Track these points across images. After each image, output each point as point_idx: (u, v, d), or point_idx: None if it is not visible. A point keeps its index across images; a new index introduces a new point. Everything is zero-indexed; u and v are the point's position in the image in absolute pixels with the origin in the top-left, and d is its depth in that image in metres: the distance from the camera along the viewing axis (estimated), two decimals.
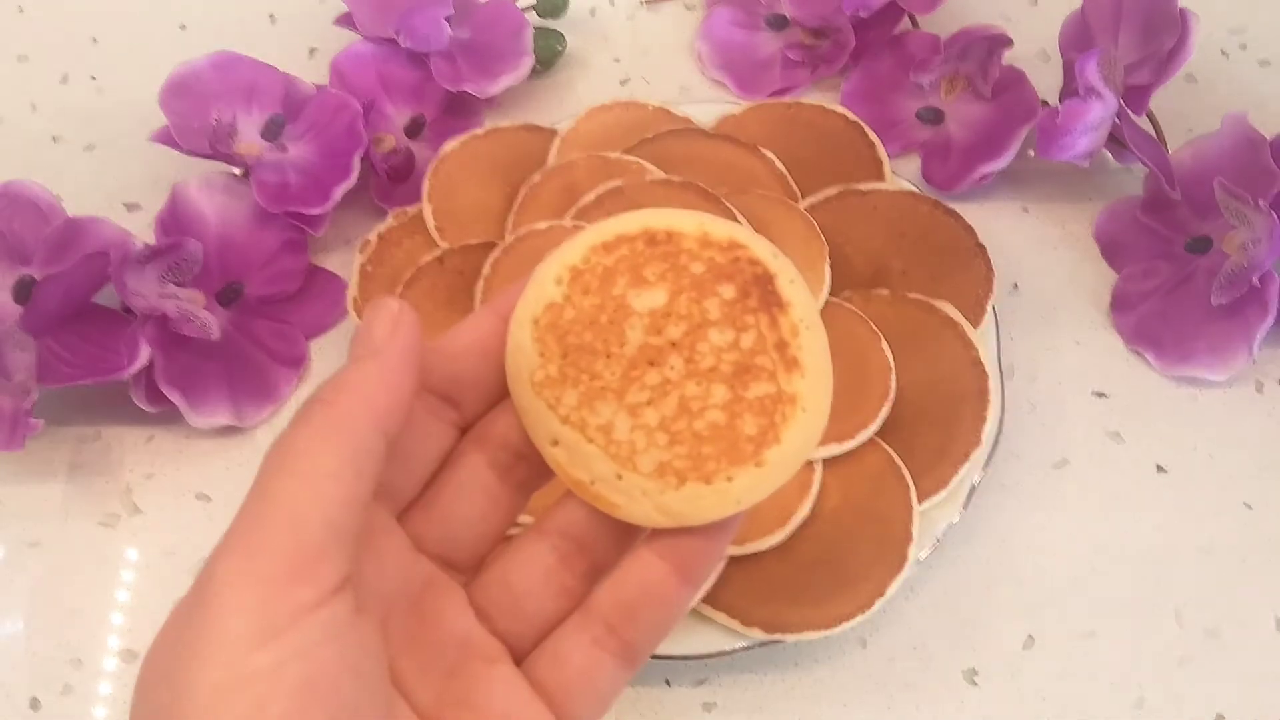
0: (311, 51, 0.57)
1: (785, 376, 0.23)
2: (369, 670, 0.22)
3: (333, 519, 0.21)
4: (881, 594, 0.39)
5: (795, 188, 0.48)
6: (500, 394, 0.25)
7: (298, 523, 0.20)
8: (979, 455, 0.41)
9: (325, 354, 0.48)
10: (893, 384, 0.42)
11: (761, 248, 0.24)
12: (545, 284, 0.24)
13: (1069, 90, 0.48)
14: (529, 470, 0.26)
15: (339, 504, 0.21)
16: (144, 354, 0.43)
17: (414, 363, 0.23)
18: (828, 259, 0.45)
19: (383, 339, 0.23)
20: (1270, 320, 0.44)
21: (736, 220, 0.45)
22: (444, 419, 0.25)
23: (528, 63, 0.53)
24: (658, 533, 0.25)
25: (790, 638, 0.39)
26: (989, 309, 0.45)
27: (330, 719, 0.20)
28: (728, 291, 0.24)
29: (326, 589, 0.20)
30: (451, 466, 0.26)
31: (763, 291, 0.24)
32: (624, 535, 0.26)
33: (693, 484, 0.24)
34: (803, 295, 0.24)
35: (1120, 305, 0.48)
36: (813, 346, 0.24)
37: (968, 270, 0.46)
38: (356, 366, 0.23)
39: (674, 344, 0.24)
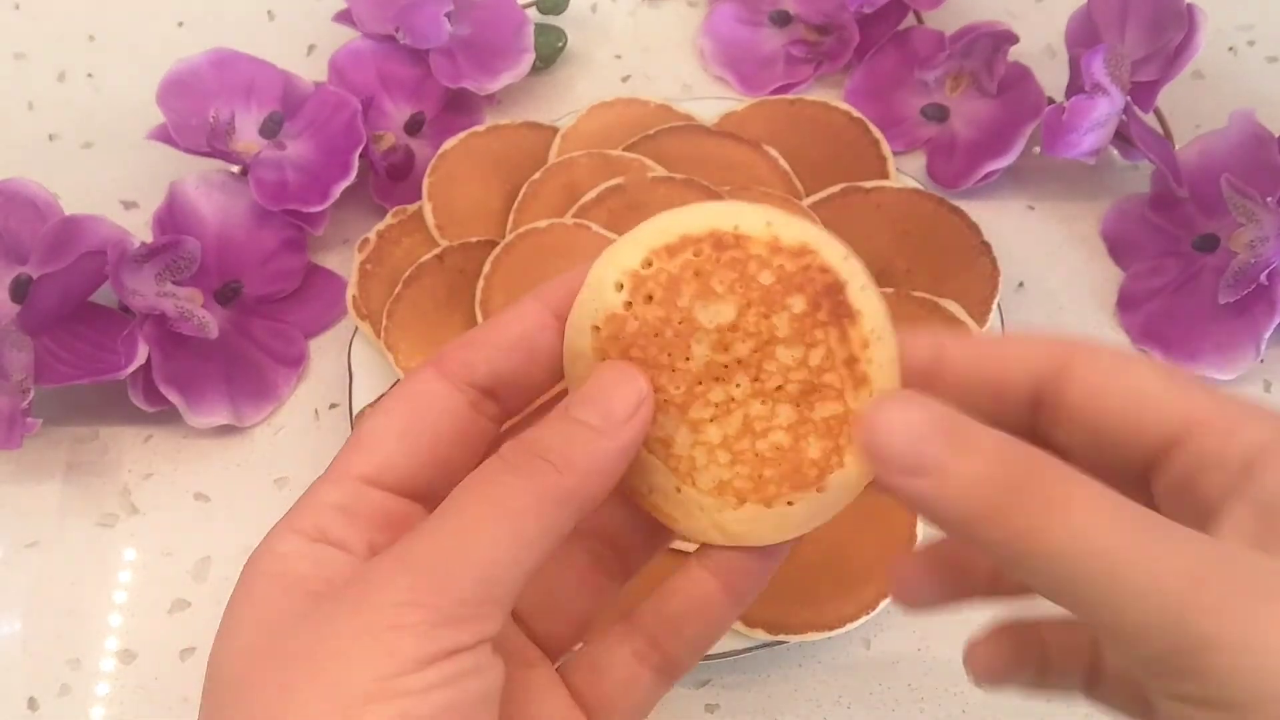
0: (310, 48, 0.57)
1: (853, 394, 0.23)
2: (495, 702, 0.22)
3: (514, 581, 0.21)
4: (885, 595, 0.39)
5: (798, 185, 0.48)
6: (543, 390, 0.25)
7: (488, 577, 0.21)
8: None
9: (324, 353, 0.48)
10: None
11: (832, 252, 0.23)
12: (605, 289, 0.23)
13: (1075, 87, 0.47)
14: (622, 563, 0.26)
15: (526, 571, 0.21)
16: (142, 353, 0.43)
17: (634, 453, 0.23)
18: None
19: (622, 417, 0.22)
20: (1278, 319, 0.44)
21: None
22: (486, 414, 0.25)
23: (528, 59, 0.53)
24: (708, 547, 0.24)
25: (794, 639, 0.38)
26: (994, 307, 0.45)
27: None
28: (798, 304, 0.23)
29: (485, 635, 0.21)
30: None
31: (833, 303, 0.23)
32: (656, 535, 0.25)
33: (752, 505, 0.23)
34: (874, 303, 0.23)
35: (1127, 304, 0.48)
36: (882, 359, 0.23)
37: (973, 269, 0.46)
38: (591, 443, 0.22)
39: (740, 361, 0.23)
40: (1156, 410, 0.22)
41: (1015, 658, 0.26)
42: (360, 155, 0.48)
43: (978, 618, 0.41)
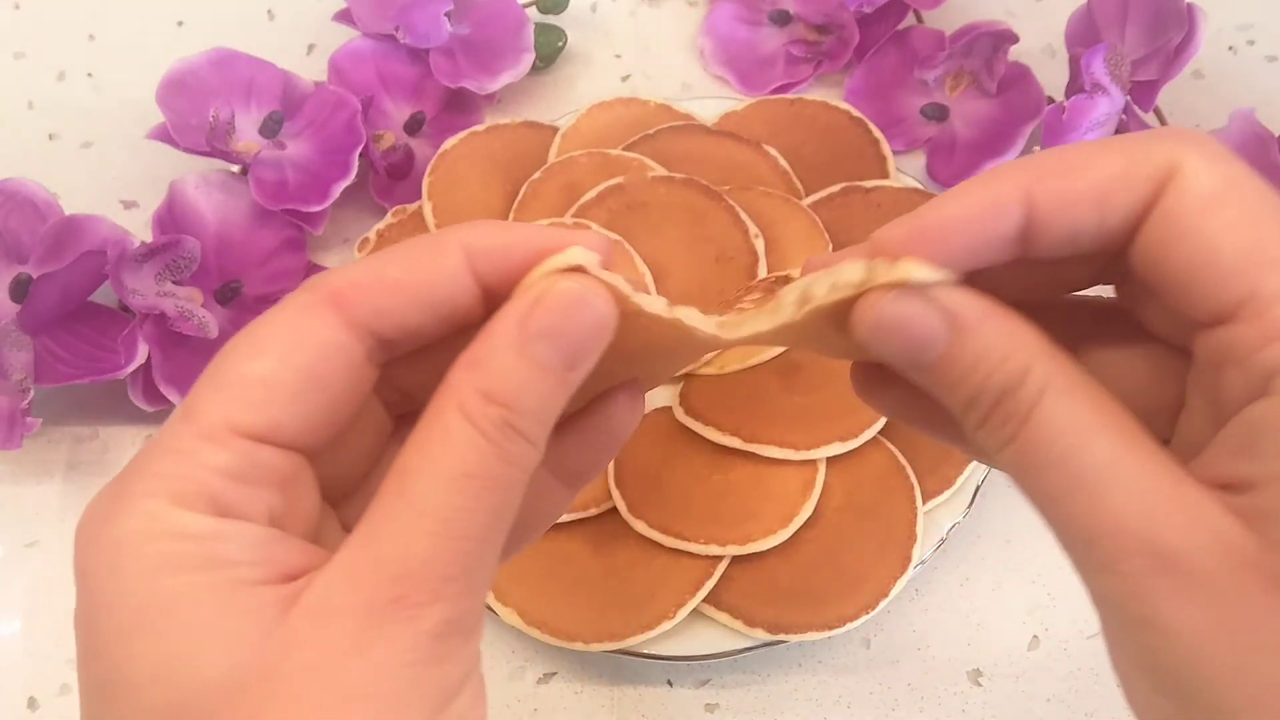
0: (310, 48, 0.57)
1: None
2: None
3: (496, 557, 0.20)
4: (885, 594, 0.39)
5: (799, 185, 0.48)
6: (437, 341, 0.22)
7: (473, 567, 0.19)
8: None
9: None
10: None
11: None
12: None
13: (1075, 86, 0.47)
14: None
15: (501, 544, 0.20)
16: (142, 352, 0.43)
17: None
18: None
19: (587, 358, 0.20)
20: None
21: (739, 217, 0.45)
22: (375, 360, 0.22)
23: (528, 59, 0.53)
24: (548, 453, 0.22)
25: (793, 638, 0.38)
26: None
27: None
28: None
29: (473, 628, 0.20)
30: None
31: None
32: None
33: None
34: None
35: None
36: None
37: None
38: (561, 394, 0.20)
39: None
40: (1219, 277, 0.19)
41: (896, 389, 0.24)
42: (360, 155, 0.48)
43: (981, 618, 0.42)
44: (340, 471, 0.23)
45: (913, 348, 0.20)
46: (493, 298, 0.21)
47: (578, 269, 0.20)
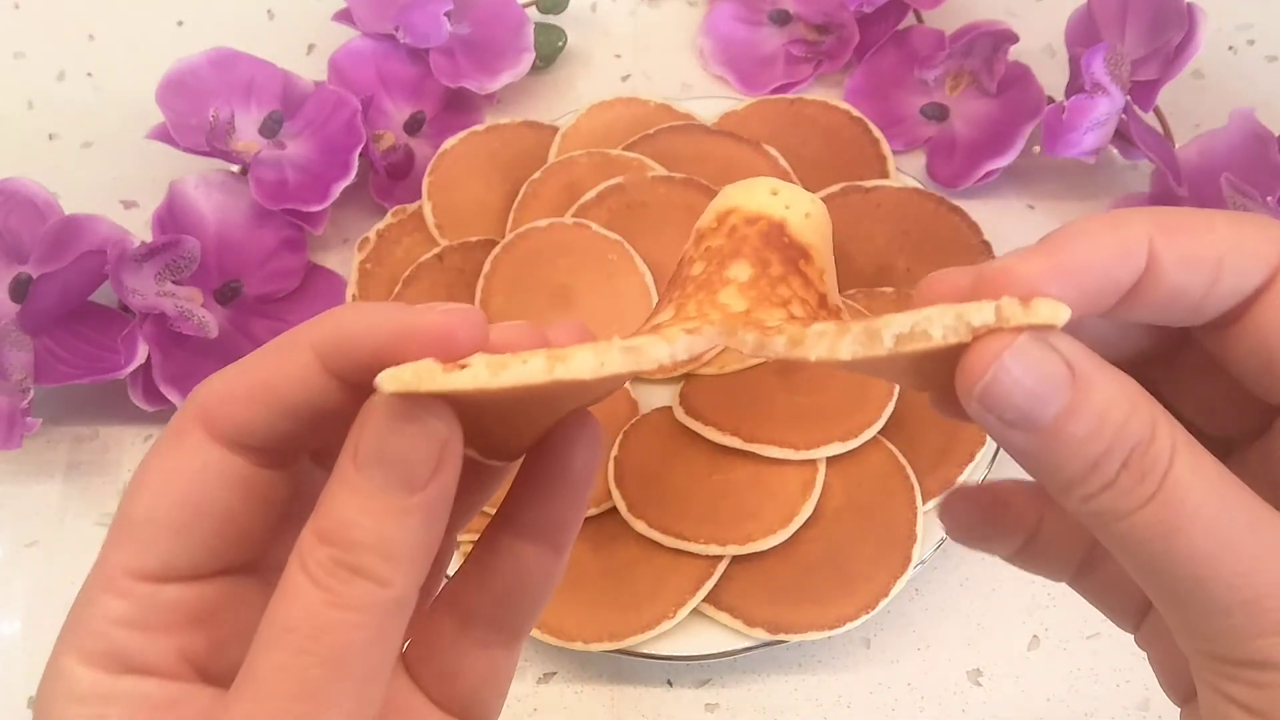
0: (310, 48, 0.57)
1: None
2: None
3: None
4: (885, 594, 0.39)
5: (799, 185, 0.48)
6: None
7: None
8: (983, 455, 0.41)
9: None
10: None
11: (748, 197, 0.22)
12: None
13: (1075, 86, 0.47)
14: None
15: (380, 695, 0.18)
16: (141, 352, 0.43)
17: (447, 506, 0.19)
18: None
19: (425, 473, 0.18)
20: None
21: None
22: (277, 464, 0.21)
23: (528, 59, 0.53)
24: (518, 514, 0.22)
25: (794, 638, 0.38)
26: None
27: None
28: (742, 273, 0.22)
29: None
30: None
31: (780, 251, 0.22)
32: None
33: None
34: (811, 225, 0.22)
35: None
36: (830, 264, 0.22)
37: None
38: (402, 519, 0.18)
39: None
40: None
41: (988, 521, 0.24)
42: (360, 155, 0.48)
43: (981, 618, 0.42)
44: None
45: (1035, 403, 0.17)
46: (361, 388, 0.19)
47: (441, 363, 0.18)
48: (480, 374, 0.18)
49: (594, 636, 0.39)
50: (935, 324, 0.18)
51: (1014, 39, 0.49)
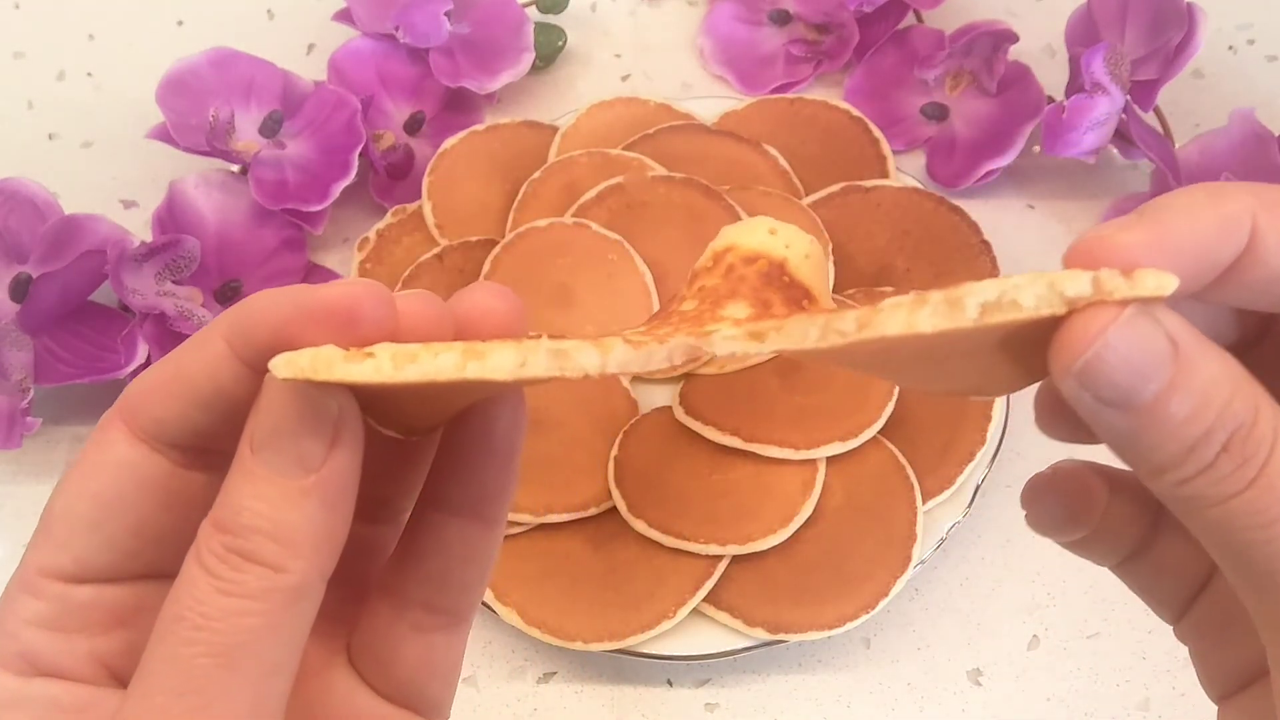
0: (310, 48, 0.57)
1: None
2: None
3: (282, 702, 0.18)
4: (885, 594, 0.39)
5: (798, 184, 0.48)
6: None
7: None
8: (984, 454, 0.41)
9: None
10: None
11: (747, 235, 0.21)
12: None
13: (1075, 86, 0.47)
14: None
15: (288, 687, 0.18)
16: (141, 352, 0.43)
17: (352, 493, 0.18)
18: (831, 256, 0.45)
19: (319, 453, 0.18)
20: None
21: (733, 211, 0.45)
22: (199, 464, 0.20)
23: (528, 58, 0.53)
24: (443, 489, 0.21)
25: (793, 638, 0.38)
26: None
27: None
28: (740, 312, 0.21)
29: None
30: None
31: (782, 291, 0.21)
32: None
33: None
34: (810, 265, 0.21)
35: None
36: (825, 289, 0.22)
37: (972, 268, 0.45)
38: (298, 501, 0.17)
39: None
40: None
41: (1077, 511, 0.22)
42: (360, 154, 0.48)
43: (981, 618, 0.42)
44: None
45: (1137, 380, 0.16)
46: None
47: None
48: (383, 366, 0.17)
49: (594, 636, 0.39)
50: (1026, 292, 0.16)
51: (1014, 39, 0.49)
